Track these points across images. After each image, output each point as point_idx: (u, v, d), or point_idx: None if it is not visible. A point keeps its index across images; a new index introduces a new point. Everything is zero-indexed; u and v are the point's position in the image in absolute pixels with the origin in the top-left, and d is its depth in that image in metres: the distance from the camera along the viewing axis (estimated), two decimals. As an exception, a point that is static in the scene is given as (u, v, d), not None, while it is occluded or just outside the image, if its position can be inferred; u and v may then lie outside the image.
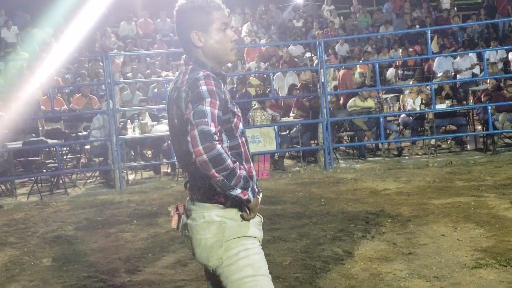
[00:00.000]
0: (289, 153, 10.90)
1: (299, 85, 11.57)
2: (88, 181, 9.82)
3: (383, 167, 8.94)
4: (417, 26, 17.06)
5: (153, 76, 14.14)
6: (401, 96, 11.10)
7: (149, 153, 10.82)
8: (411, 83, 11.85)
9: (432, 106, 9.70)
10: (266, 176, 9.11)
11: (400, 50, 14.98)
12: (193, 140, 2.07)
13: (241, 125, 2.31)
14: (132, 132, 9.57)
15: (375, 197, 6.92)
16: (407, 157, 9.95)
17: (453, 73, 13.32)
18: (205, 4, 2.30)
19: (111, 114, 8.88)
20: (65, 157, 10.35)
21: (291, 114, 10.85)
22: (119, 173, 8.76)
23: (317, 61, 10.32)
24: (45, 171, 9.45)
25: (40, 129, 10.53)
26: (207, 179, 2.16)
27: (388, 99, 11.58)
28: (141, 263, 4.97)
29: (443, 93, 10.70)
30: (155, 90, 12.93)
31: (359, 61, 13.99)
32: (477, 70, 13.76)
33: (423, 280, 4.06)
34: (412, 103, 10.35)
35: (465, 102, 11.02)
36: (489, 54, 13.99)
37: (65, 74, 14.56)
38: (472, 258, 4.41)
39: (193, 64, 2.32)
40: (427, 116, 10.02)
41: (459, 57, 13.84)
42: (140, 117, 10.02)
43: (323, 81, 9.44)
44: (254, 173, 2.30)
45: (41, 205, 8.02)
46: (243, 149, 2.30)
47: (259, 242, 2.33)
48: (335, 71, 13.50)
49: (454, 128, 10.68)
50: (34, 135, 10.14)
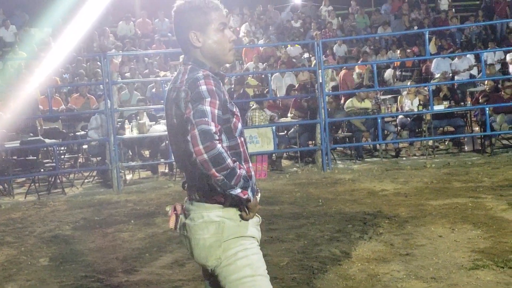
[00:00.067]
0: (287, 153, 10.89)
1: (297, 86, 11.58)
2: (85, 180, 9.81)
3: (381, 168, 8.94)
4: (415, 27, 17.07)
5: (151, 76, 14.11)
6: (399, 97, 11.10)
7: (146, 153, 10.80)
8: (409, 84, 11.85)
9: (430, 107, 9.70)
10: (263, 176, 9.11)
11: (398, 51, 14.97)
12: (194, 139, 2.07)
13: (240, 125, 2.31)
14: (130, 132, 9.57)
15: (373, 198, 6.92)
16: (404, 158, 9.96)
17: (451, 74, 13.34)
18: (203, 4, 2.30)
19: (109, 114, 8.87)
20: (62, 156, 10.32)
21: (289, 114, 10.85)
22: (117, 173, 8.75)
23: (315, 61, 10.32)
24: (42, 170, 9.43)
25: (38, 128, 10.52)
26: (206, 179, 2.17)
27: (386, 100, 11.59)
28: (138, 263, 4.96)
29: (441, 94, 10.71)
30: (153, 90, 12.91)
31: (357, 62, 14.00)
32: (475, 71, 13.77)
33: (420, 281, 4.06)
34: (410, 104, 10.37)
35: (463, 103, 11.04)
36: (487, 55, 14.00)
37: (63, 73, 14.57)
38: (469, 259, 4.41)
39: (192, 64, 2.32)
40: (425, 117, 10.04)
41: (457, 58, 13.85)
42: (138, 117, 10.03)
43: (321, 81, 9.45)
44: (252, 173, 2.31)
45: (38, 205, 8.01)
46: (242, 149, 2.30)
47: (258, 242, 2.34)
48: (333, 72, 13.53)
49: (451, 129, 10.69)
50: (32, 134, 10.13)
